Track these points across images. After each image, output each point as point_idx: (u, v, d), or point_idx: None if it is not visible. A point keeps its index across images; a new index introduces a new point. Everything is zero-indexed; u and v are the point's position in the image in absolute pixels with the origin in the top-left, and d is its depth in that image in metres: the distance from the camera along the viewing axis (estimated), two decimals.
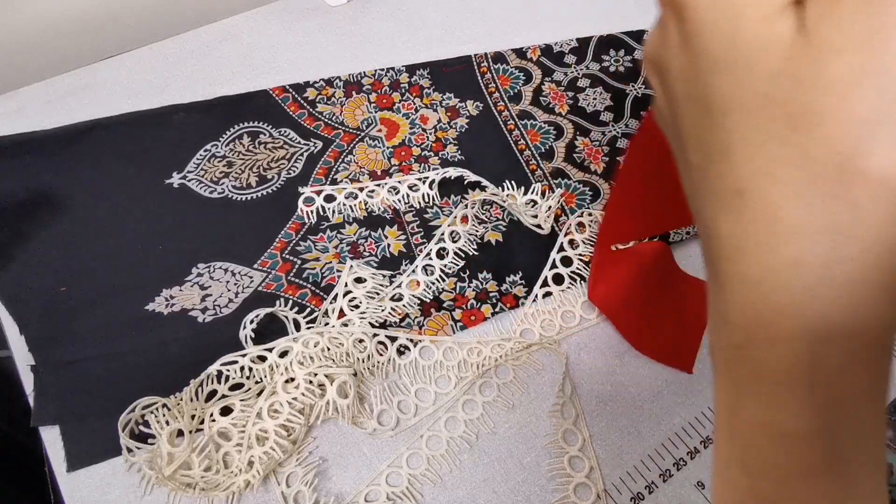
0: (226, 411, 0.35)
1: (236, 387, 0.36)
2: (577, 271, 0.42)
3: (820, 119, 0.14)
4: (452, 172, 0.44)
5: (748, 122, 0.15)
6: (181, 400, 0.34)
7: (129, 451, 0.33)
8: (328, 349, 0.36)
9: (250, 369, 0.36)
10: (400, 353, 0.38)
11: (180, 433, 0.34)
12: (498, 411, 0.37)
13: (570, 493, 0.34)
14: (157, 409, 0.34)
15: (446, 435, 0.36)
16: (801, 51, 0.14)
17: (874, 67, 0.13)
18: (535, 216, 0.43)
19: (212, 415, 0.34)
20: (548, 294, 0.41)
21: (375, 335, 0.37)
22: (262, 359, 0.36)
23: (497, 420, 0.37)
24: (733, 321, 0.17)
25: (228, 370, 0.35)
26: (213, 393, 0.35)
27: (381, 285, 0.40)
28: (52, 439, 0.34)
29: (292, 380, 0.35)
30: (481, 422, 0.37)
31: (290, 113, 0.48)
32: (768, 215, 0.15)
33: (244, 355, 0.36)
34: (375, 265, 0.41)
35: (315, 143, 0.47)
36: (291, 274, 0.41)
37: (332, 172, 0.45)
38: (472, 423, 0.36)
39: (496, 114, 0.50)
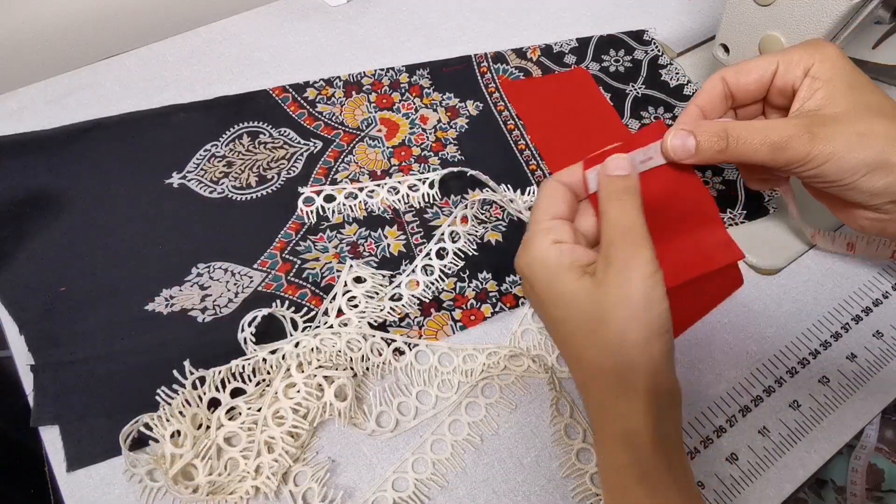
0: (230, 412, 0.35)
1: (236, 392, 0.35)
2: None
3: (605, 323, 0.27)
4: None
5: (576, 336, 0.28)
6: (184, 405, 0.34)
7: (133, 465, 0.33)
8: (318, 349, 0.36)
9: (253, 370, 0.36)
10: (395, 354, 0.38)
11: (175, 434, 0.34)
12: (500, 412, 0.37)
13: (586, 483, 0.35)
14: (159, 416, 0.34)
15: (451, 438, 0.36)
16: (595, 291, 0.27)
17: (626, 294, 0.26)
18: None
19: (218, 419, 0.34)
20: None
21: (372, 336, 0.37)
22: (263, 360, 0.36)
23: (499, 421, 0.37)
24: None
25: (233, 370, 0.35)
26: (213, 400, 0.35)
27: (381, 285, 0.40)
28: (52, 439, 0.34)
29: (293, 385, 0.35)
30: (485, 424, 0.37)
31: (290, 113, 0.48)
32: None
33: (248, 360, 0.36)
34: (375, 265, 0.41)
35: (315, 143, 0.47)
36: (291, 274, 0.41)
37: (332, 172, 0.45)
38: (476, 426, 0.36)
39: (496, 114, 0.50)
